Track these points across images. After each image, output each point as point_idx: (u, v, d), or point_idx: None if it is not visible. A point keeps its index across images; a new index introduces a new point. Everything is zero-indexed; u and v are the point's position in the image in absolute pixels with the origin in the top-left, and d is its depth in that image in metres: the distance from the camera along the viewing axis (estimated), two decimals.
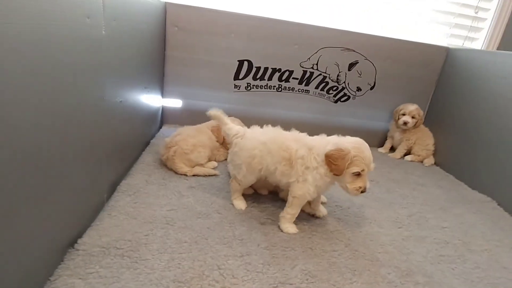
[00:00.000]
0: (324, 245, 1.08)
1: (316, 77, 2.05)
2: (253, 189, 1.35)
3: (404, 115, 2.03)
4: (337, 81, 2.08)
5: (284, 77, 2.03)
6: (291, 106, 2.10)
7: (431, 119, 2.17)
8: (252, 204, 1.26)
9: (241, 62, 1.95)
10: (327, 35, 1.96)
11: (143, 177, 1.33)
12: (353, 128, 2.18)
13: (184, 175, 1.41)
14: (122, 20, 1.10)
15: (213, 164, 1.54)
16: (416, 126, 2.05)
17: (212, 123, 1.63)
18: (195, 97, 2.00)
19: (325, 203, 1.35)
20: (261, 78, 2.01)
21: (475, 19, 2.27)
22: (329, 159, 1.03)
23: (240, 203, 1.23)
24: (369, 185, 1.07)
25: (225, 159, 1.52)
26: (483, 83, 1.81)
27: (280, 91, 2.06)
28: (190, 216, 1.12)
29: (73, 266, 0.82)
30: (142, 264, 0.87)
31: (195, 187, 1.33)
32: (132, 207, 1.12)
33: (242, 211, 1.20)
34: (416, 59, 2.09)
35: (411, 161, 2.07)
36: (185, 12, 1.81)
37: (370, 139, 1.18)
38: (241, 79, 2.00)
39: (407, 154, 2.12)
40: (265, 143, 1.13)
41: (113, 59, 1.06)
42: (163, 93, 1.95)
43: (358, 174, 1.03)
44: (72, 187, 0.85)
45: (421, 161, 2.08)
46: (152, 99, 1.69)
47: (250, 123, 1.26)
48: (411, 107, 2.03)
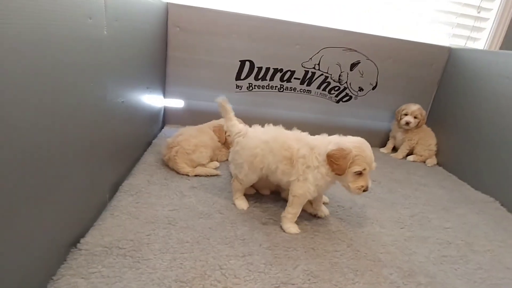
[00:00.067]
0: (326, 245, 1.08)
1: (318, 77, 2.05)
2: (255, 189, 1.35)
3: (406, 115, 2.03)
4: (339, 81, 2.08)
5: (285, 77, 2.03)
6: (293, 106, 2.10)
7: (434, 119, 2.16)
8: (254, 204, 1.26)
9: (242, 62, 1.96)
10: (329, 35, 1.96)
11: (145, 177, 1.33)
12: (355, 128, 2.17)
13: (186, 175, 1.41)
14: (124, 20, 1.10)
15: (215, 164, 1.54)
16: (418, 126, 2.05)
17: (214, 123, 1.64)
18: (197, 98, 2.00)
19: (327, 203, 1.35)
20: (263, 78, 2.01)
21: (477, 19, 2.26)
22: (331, 159, 1.03)
23: (242, 203, 1.23)
24: (371, 184, 1.07)
25: (227, 159, 1.52)
26: (485, 83, 1.81)
27: (282, 91, 2.06)
28: (192, 216, 1.12)
29: (75, 265, 0.82)
30: (144, 264, 0.87)
31: (197, 187, 1.33)
32: (134, 207, 1.12)
33: (244, 211, 1.20)
34: (418, 59, 2.08)
35: (413, 161, 2.06)
36: (187, 12, 1.81)
37: (372, 139, 1.17)
38: (242, 80, 2.00)
39: (409, 154, 2.12)
40: (267, 142, 1.13)
41: (115, 60, 1.06)
42: (165, 94, 1.96)
43: (360, 173, 1.04)
44: (74, 187, 0.86)
45: (423, 161, 2.07)
46: (154, 99, 1.69)
47: (252, 123, 1.25)
48: (414, 107, 2.02)
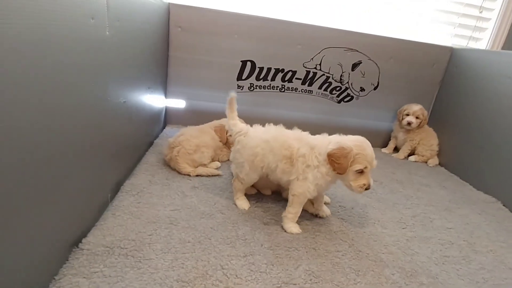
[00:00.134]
0: (327, 245, 1.08)
1: (319, 78, 2.05)
2: (256, 189, 1.35)
3: (408, 115, 2.03)
4: (340, 81, 2.08)
5: (287, 77, 2.03)
6: (294, 106, 2.10)
7: (435, 119, 2.16)
8: (255, 204, 1.27)
9: (244, 62, 1.96)
10: (330, 35, 1.96)
11: (146, 177, 1.33)
12: (356, 128, 2.17)
13: (187, 175, 1.41)
14: (125, 20, 1.10)
15: (216, 164, 1.54)
16: (420, 126, 2.04)
17: (215, 123, 1.64)
18: (198, 98, 2.00)
19: (328, 203, 1.34)
20: (264, 78, 2.01)
21: (480, 19, 2.26)
22: (331, 158, 1.03)
23: (243, 203, 1.23)
24: (372, 182, 1.07)
25: (228, 159, 1.52)
26: (487, 83, 1.80)
27: (283, 92, 2.06)
28: (193, 216, 1.12)
29: (77, 265, 0.83)
30: (146, 263, 0.87)
31: (199, 187, 1.33)
32: (136, 207, 1.12)
33: (245, 211, 1.20)
34: (420, 59, 2.08)
35: (415, 162, 2.06)
36: (188, 12, 1.82)
37: (373, 140, 1.17)
38: (244, 80, 2.00)
39: (411, 154, 2.11)
40: (268, 141, 1.13)
41: (117, 60, 1.07)
42: (167, 94, 1.96)
43: (361, 171, 1.04)
44: (76, 187, 0.86)
45: (425, 162, 2.07)
46: (155, 100, 1.70)
47: (253, 123, 1.25)
48: (415, 107, 2.02)
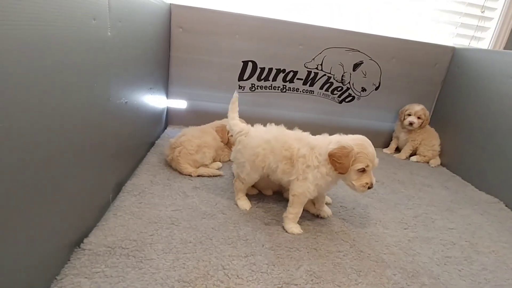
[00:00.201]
0: (329, 245, 1.07)
1: (320, 78, 2.05)
2: (258, 189, 1.35)
3: (410, 115, 2.02)
4: (341, 81, 2.07)
5: (288, 77, 2.02)
6: (295, 106, 2.10)
7: (437, 119, 2.15)
8: (256, 204, 1.27)
9: (245, 63, 1.96)
10: (332, 36, 1.95)
11: (148, 178, 1.34)
12: (358, 128, 2.16)
13: (188, 175, 1.41)
14: (127, 21, 1.11)
15: (218, 164, 1.54)
16: (422, 126, 2.03)
17: (216, 123, 1.64)
18: (199, 98, 2.01)
19: (330, 204, 1.34)
20: (266, 78, 2.01)
21: (482, 19, 2.25)
22: (333, 158, 1.02)
23: (244, 204, 1.23)
24: (375, 180, 1.06)
25: (230, 160, 1.52)
26: (489, 83, 1.79)
27: (284, 92, 2.06)
28: (194, 216, 1.13)
29: (79, 265, 0.83)
30: (147, 263, 0.87)
31: (200, 188, 1.33)
32: (137, 207, 1.12)
33: (246, 212, 1.20)
34: (421, 59, 2.07)
35: (417, 162, 2.06)
36: (190, 13, 1.82)
37: (375, 140, 1.17)
38: (245, 80, 2.00)
39: (413, 154, 2.11)
40: (269, 141, 1.13)
41: (118, 60, 1.07)
42: (168, 94, 1.96)
43: (363, 170, 1.03)
44: (77, 187, 0.86)
45: (427, 162, 2.06)
46: (157, 100, 1.70)
47: (254, 124, 1.25)
48: (417, 108, 2.01)
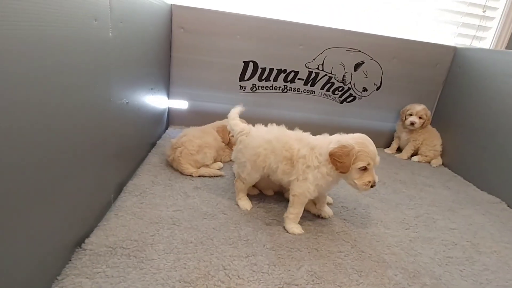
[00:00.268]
0: (330, 246, 1.07)
1: (321, 78, 2.05)
2: (259, 189, 1.35)
3: (411, 115, 2.02)
4: (343, 81, 2.07)
5: (289, 78, 2.02)
6: (296, 107, 2.09)
7: (439, 119, 2.15)
8: (257, 204, 1.27)
9: (246, 63, 1.96)
10: (333, 36, 1.95)
11: (149, 178, 1.34)
12: (359, 128, 2.13)
13: (190, 175, 1.42)
14: (128, 22, 1.11)
15: (219, 165, 1.54)
16: (423, 126, 2.03)
17: (217, 123, 1.64)
18: (201, 98, 2.01)
19: (331, 204, 1.34)
20: (267, 79, 2.01)
21: (483, 18, 2.24)
22: (333, 157, 1.02)
23: (245, 204, 1.23)
24: (377, 179, 1.06)
25: (231, 160, 1.52)
26: (491, 83, 1.79)
27: (285, 92, 2.06)
28: (196, 216, 1.13)
29: (80, 265, 0.83)
30: (148, 264, 0.87)
31: (201, 188, 1.33)
32: (138, 207, 1.12)
33: (247, 212, 1.20)
34: (423, 59, 2.07)
35: (418, 162, 2.05)
36: (191, 14, 1.82)
37: (376, 140, 1.16)
38: (246, 80, 2.00)
39: (414, 154, 2.10)
40: (270, 141, 1.13)
41: (120, 61, 1.07)
42: (169, 95, 1.97)
43: (364, 168, 1.03)
44: (79, 187, 0.86)
45: (428, 162, 2.06)
46: (158, 100, 1.70)
47: (255, 124, 1.25)
48: (418, 107, 2.01)
